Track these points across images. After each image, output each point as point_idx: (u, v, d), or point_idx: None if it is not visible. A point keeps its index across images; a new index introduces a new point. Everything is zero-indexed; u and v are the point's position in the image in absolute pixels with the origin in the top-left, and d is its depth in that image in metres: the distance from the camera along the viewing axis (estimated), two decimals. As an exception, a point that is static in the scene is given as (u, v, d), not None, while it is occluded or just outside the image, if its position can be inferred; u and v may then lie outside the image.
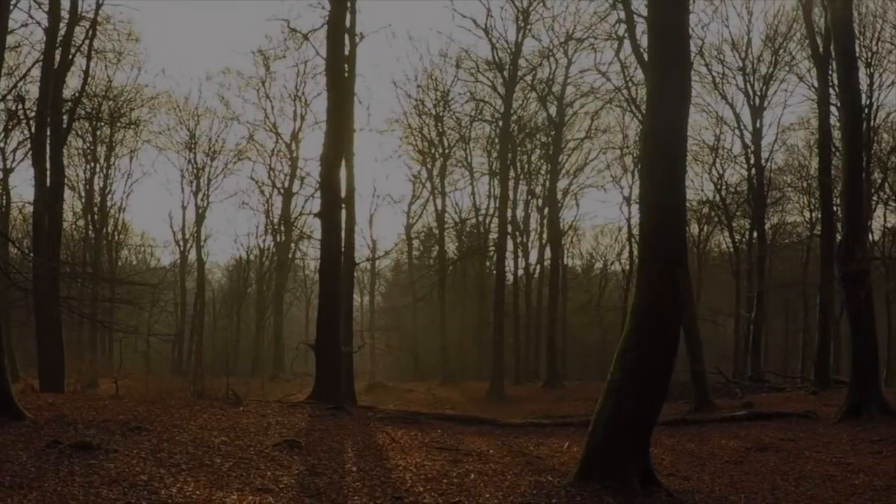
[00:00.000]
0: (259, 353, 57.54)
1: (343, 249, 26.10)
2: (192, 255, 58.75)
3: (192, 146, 55.85)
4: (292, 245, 58.77)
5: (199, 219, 57.01)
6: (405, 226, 59.32)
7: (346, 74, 27.62)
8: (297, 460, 12.98)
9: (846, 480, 13.84)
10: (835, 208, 30.48)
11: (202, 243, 58.00)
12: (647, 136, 12.97)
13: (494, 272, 45.50)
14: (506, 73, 43.48)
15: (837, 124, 30.14)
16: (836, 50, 24.05)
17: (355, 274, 38.20)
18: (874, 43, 42.24)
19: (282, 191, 56.70)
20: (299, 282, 67.40)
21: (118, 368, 33.49)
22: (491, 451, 16.04)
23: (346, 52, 27.51)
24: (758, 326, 43.50)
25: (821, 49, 30.63)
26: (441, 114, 52.07)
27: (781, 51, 44.06)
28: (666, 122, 12.57)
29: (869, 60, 42.20)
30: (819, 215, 35.80)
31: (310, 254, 60.51)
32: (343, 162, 26.36)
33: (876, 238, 47.47)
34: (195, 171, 56.51)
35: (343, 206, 26.02)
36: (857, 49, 37.03)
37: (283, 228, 57.27)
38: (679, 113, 12.70)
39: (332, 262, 24.40)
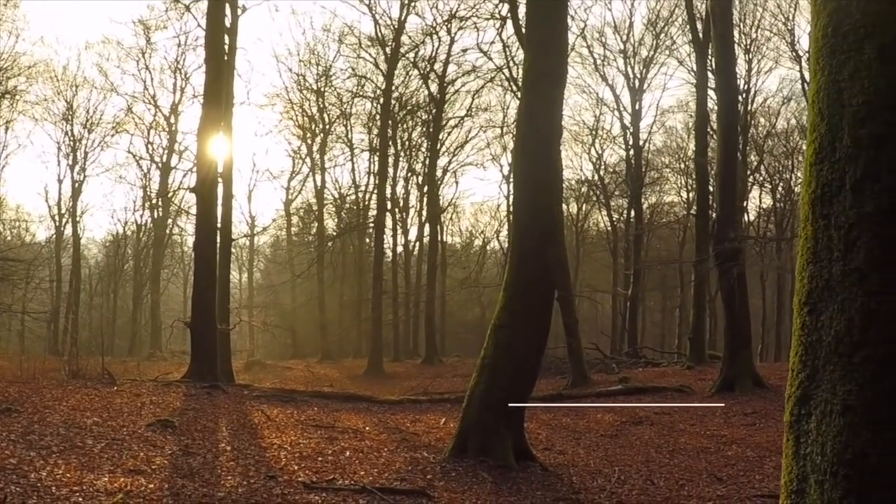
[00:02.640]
0: (136, 331, 56.34)
1: (220, 225, 25.65)
2: (68, 231, 56.94)
3: (70, 118, 53.94)
4: (170, 221, 57.56)
5: (76, 193, 55.24)
6: (284, 201, 59.11)
7: (227, 47, 27.18)
8: (171, 440, 12.76)
9: (719, 452, 14.31)
10: (710, 189, 31.31)
11: (78, 218, 56.17)
12: (522, 114, 13.02)
13: (373, 249, 45.34)
14: (388, 50, 43.27)
15: (715, 108, 30.95)
16: (715, 35, 24.71)
17: (233, 250, 37.63)
18: (753, 30, 43.61)
19: (160, 165, 55.42)
20: (177, 258, 65.98)
21: (-9, 349, 32.36)
22: (367, 429, 16.07)
23: (228, 25, 27.05)
24: (634, 303, 44.59)
25: (700, 34, 31.38)
26: (322, 89, 51.58)
27: (663, 35, 45.14)
28: (541, 101, 12.67)
29: (748, 47, 43.57)
30: (695, 196, 36.69)
31: (188, 230, 59.16)
32: (221, 136, 25.95)
33: (752, 218, 49.07)
34: (72, 143, 54.66)
35: (220, 180, 25.62)
36: (737, 35, 38.31)
37: (160, 203, 55.98)
38: (554, 92, 12.81)
39: (207, 238, 24.00)
